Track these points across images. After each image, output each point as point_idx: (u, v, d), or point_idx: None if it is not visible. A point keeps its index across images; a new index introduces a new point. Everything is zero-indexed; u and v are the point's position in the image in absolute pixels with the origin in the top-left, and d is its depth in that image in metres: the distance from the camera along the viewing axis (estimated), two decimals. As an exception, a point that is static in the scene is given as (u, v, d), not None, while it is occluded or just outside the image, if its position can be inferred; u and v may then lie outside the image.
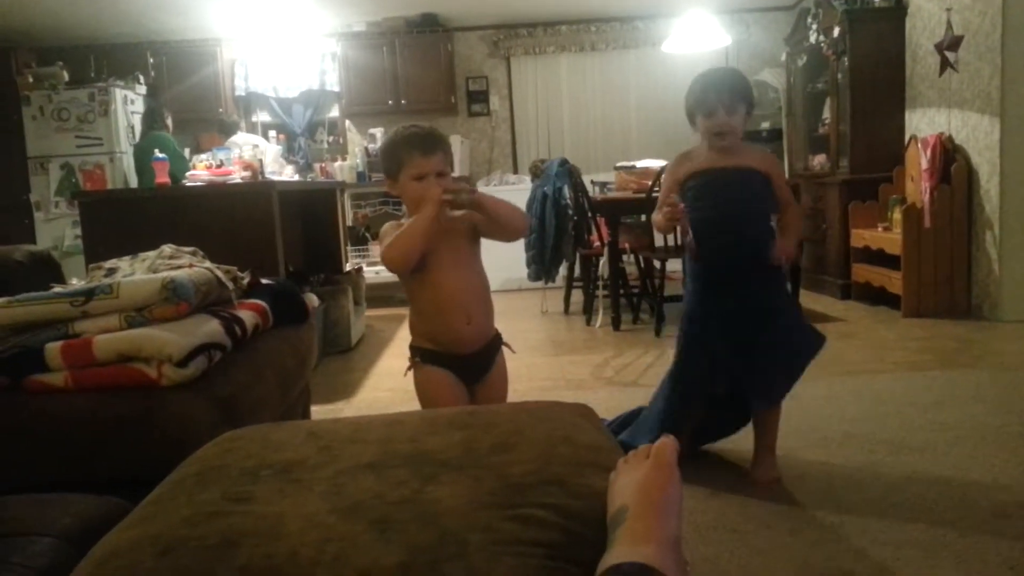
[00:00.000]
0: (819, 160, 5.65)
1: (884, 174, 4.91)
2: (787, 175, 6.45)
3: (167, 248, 2.20)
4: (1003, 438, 2.40)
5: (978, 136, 4.26)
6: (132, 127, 6.00)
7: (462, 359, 1.86)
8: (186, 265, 2.00)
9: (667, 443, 0.92)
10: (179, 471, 1.14)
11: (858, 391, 3.00)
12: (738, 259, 2.12)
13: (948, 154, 4.38)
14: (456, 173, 6.45)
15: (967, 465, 2.21)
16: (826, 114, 5.56)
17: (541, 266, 4.83)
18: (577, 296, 5.19)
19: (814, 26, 5.49)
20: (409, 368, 1.90)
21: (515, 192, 5.95)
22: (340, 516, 0.90)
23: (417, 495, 0.94)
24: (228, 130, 6.26)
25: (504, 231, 1.86)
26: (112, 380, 1.65)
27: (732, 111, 2.06)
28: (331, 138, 6.91)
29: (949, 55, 4.27)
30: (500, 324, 1.95)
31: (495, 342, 1.95)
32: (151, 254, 2.17)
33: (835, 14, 5.14)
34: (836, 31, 5.11)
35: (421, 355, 1.88)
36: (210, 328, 1.77)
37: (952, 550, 1.72)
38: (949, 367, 3.31)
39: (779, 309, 2.19)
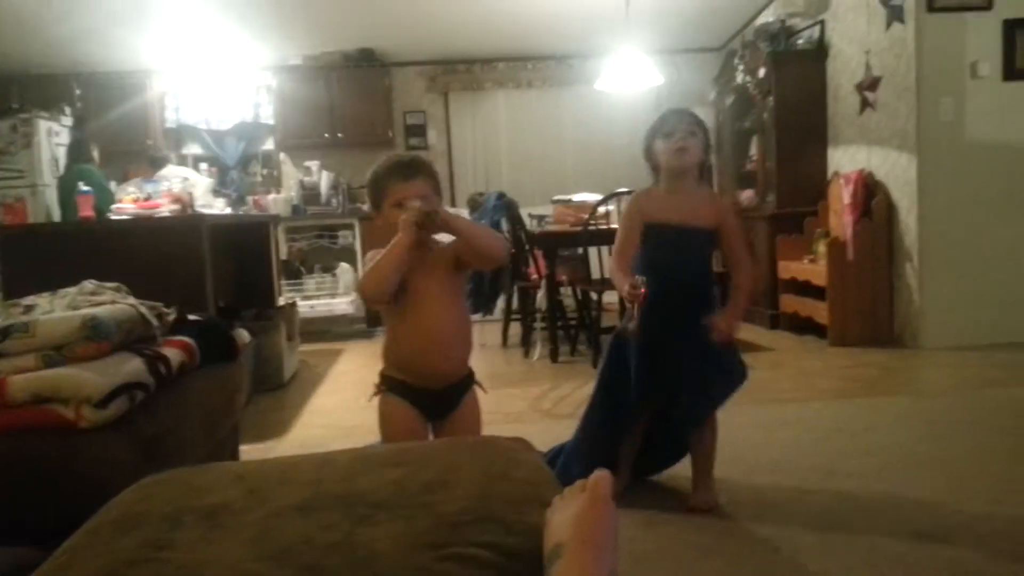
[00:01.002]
0: (747, 195, 5.82)
1: (809, 208, 5.08)
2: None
3: (89, 284, 2.12)
4: (927, 463, 2.48)
5: (897, 172, 4.45)
6: (56, 159, 5.80)
7: (429, 394, 1.81)
8: (108, 301, 1.92)
9: (601, 477, 0.92)
10: (96, 518, 1.08)
11: (788, 419, 3.06)
12: (675, 306, 2.15)
13: (869, 189, 4.57)
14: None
15: (896, 490, 2.27)
16: (753, 151, 5.74)
17: (479, 299, 4.81)
18: (515, 329, 5.19)
19: (741, 67, 5.70)
20: (374, 395, 1.86)
21: (452, 226, 5.95)
22: (266, 563, 0.87)
23: (349, 538, 0.91)
24: (158, 164, 6.12)
25: (482, 255, 1.80)
26: (27, 422, 1.56)
27: (691, 134, 2.14)
28: (265, 171, 6.81)
29: (868, 95, 4.48)
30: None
31: (467, 380, 1.88)
32: (72, 290, 2.08)
33: (760, 56, 5.34)
34: (762, 72, 5.31)
35: (388, 384, 1.84)
36: (132, 367, 1.71)
37: (884, 571, 1.75)
38: (874, 394, 3.42)
39: (707, 344, 2.18)
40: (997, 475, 2.36)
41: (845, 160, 5.02)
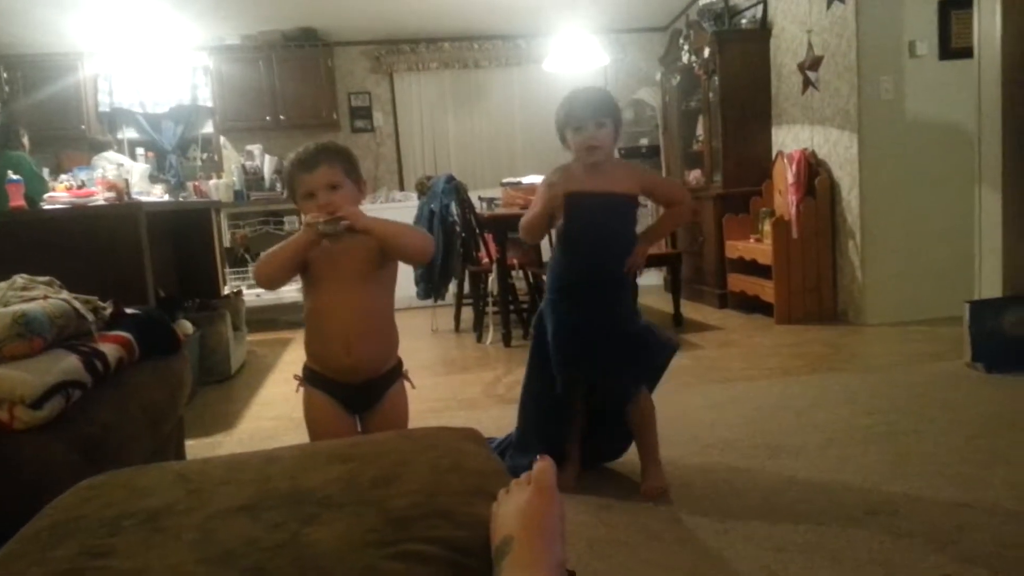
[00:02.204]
0: (695, 175, 5.88)
1: (754, 188, 5.15)
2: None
3: (19, 279, 2.03)
4: (871, 437, 2.54)
5: (839, 151, 4.54)
6: (-18, 146, 5.55)
7: (344, 387, 1.78)
8: (40, 297, 1.85)
9: (545, 467, 0.92)
10: (31, 524, 1.04)
11: (736, 397, 3.11)
12: (597, 277, 2.22)
13: (812, 168, 4.65)
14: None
15: (839, 466, 2.32)
16: (700, 131, 5.79)
17: (430, 284, 4.78)
18: (467, 313, 5.17)
19: (686, 47, 5.73)
20: (297, 387, 1.84)
21: (402, 209, 5.89)
22: (210, 566, 0.84)
23: (295, 538, 0.89)
24: (97, 148, 5.92)
25: (403, 255, 1.76)
26: (-45, 426, 1.49)
27: (600, 125, 2.12)
28: (205, 155, 6.63)
29: (810, 75, 4.54)
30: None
31: (389, 375, 1.83)
32: (2, 285, 1.99)
33: (705, 36, 5.38)
34: (707, 52, 5.35)
35: (307, 375, 1.82)
36: (67, 364, 1.64)
37: (828, 549, 1.80)
38: (820, 371, 3.49)
39: (625, 318, 2.25)
40: (938, 447, 2.43)
41: (789, 139, 5.10)
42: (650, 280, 6.66)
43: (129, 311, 2.14)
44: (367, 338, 1.75)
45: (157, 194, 4.94)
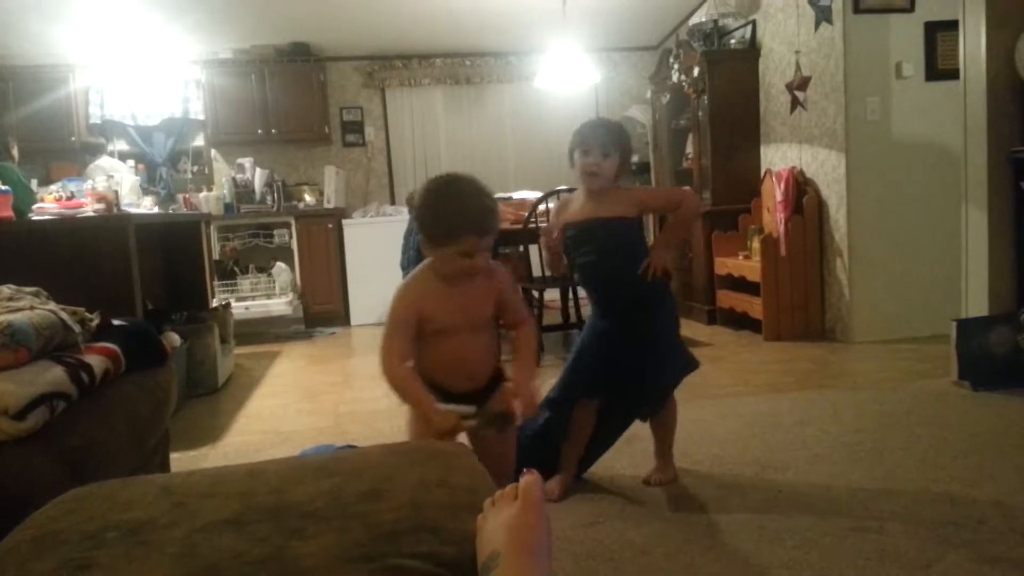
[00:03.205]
0: (685, 192, 5.90)
1: (743, 206, 5.19)
2: (656, 206, 6.70)
3: (6, 289, 2.02)
4: (858, 454, 2.55)
5: (826, 170, 4.58)
6: (-29, 156, 5.53)
7: (456, 394, 1.79)
8: (27, 307, 1.84)
9: (532, 481, 0.91)
10: (12, 537, 1.03)
11: (725, 413, 3.12)
12: (616, 295, 2.33)
13: (800, 187, 4.68)
14: (332, 204, 6.36)
15: (826, 483, 2.33)
16: (689, 149, 5.83)
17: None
18: (456, 328, 5.15)
19: (676, 66, 5.77)
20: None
21: (392, 224, 5.90)
22: (193, 581, 0.84)
23: (280, 552, 0.88)
24: (94, 151, 5.91)
25: None
26: (-63, 437, 1.48)
27: (606, 155, 2.22)
28: (196, 168, 6.62)
29: (799, 94, 4.58)
30: (377, 357, 1.87)
31: (493, 382, 1.86)
32: (-13, 295, 1.98)
33: (695, 55, 5.42)
34: (696, 71, 5.39)
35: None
36: (52, 376, 1.63)
37: (815, 567, 1.79)
38: (807, 388, 3.50)
39: (656, 334, 2.33)
40: (925, 464, 2.44)
41: (777, 158, 5.14)
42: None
43: (116, 323, 2.13)
44: (485, 363, 1.84)
45: (147, 206, 4.92)
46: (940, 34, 4.31)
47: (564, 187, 4.31)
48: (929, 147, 4.37)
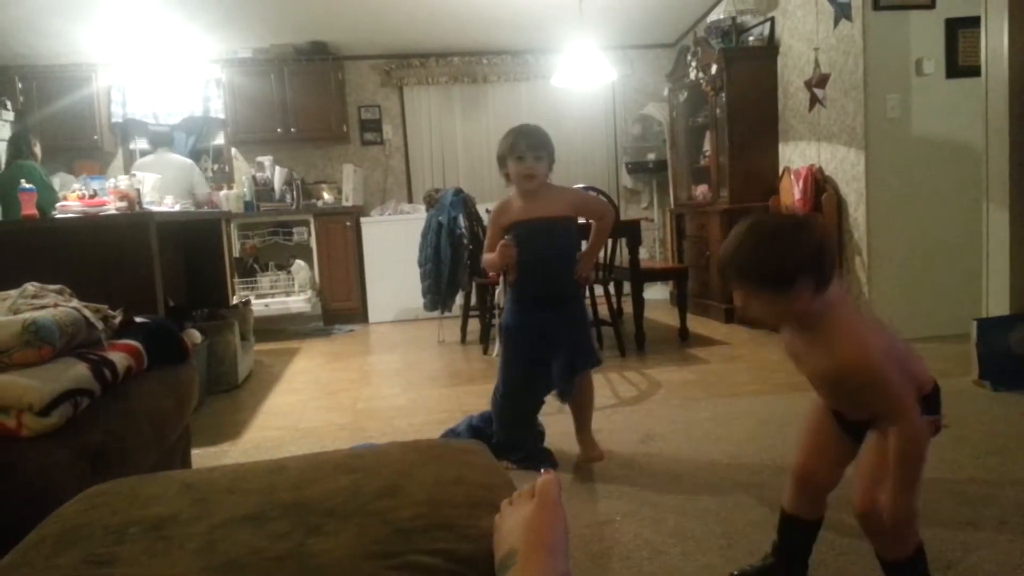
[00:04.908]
0: (701, 190, 5.89)
1: (761, 203, 5.15)
2: (672, 204, 6.71)
3: (30, 287, 2.05)
4: (875, 454, 2.53)
5: (845, 168, 4.54)
6: (-4, 155, 5.62)
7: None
8: (51, 305, 1.87)
9: (549, 481, 0.92)
10: (37, 532, 1.05)
11: (743, 412, 3.11)
12: (548, 288, 2.55)
13: (819, 184, 4.65)
14: (350, 202, 6.40)
15: (844, 482, 2.29)
16: (707, 147, 5.80)
17: (437, 296, 4.80)
18: (474, 325, 5.18)
19: (693, 63, 5.75)
20: None
21: (410, 222, 5.93)
22: (213, 575, 0.85)
23: (299, 549, 0.89)
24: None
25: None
26: (-36, 432, 1.51)
27: (538, 158, 2.44)
28: (216, 166, 6.68)
29: (817, 92, 4.55)
30: (395, 354, 1.89)
31: None
32: (12, 293, 2.01)
33: (713, 52, 5.40)
34: (714, 68, 5.37)
35: None
36: (76, 372, 1.66)
37: (831, 566, 1.79)
38: (826, 387, 3.47)
39: (581, 321, 2.65)
40: (944, 465, 2.42)
41: (796, 155, 5.10)
42: (656, 294, 6.67)
43: (138, 320, 2.16)
44: None
45: (168, 204, 4.97)
46: (961, 31, 4.26)
47: (580, 184, 4.31)
48: (949, 145, 4.32)
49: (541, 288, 2.53)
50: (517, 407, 2.63)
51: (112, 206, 3.68)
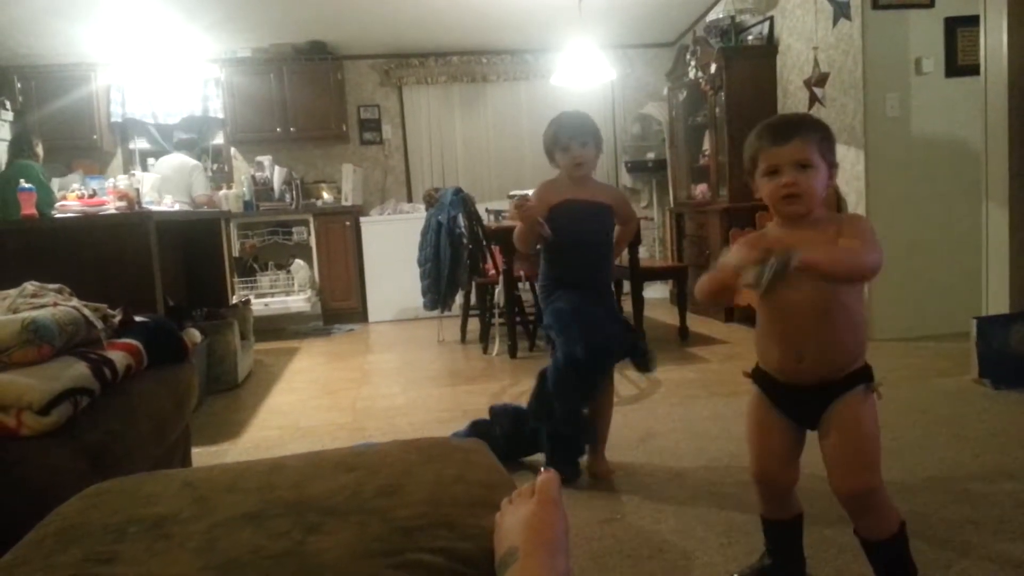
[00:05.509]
0: (701, 189, 5.88)
1: (761, 203, 5.13)
2: (671, 203, 6.71)
3: (30, 286, 2.05)
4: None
5: (845, 167, 4.54)
6: (-4, 154, 5.61)
7: (789, 390, 1.58)
8: (50, 304, 1.87)
9: (549, 479, 0.92)
10: (37, 530, 1.05)
11: (743, 411, 3.08)
12: (587, 272, 2.53)
13: (818, 183, 4.64)
14: (350, 202, 6.40)
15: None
16: (706, 146, 5.80)
17: (436, 295, 4.80)
18: (473, 324, 5.18)
19: (693, 62, 5.75)
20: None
21: (409, 221, 5.93)
22: (214, 574, 0.85)
23: (299, 547, 0.89)
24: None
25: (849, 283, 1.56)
26: (-37, 431, 1.50)
27: (584, 145, 2.44)
28: (215, 166, 6.68)
29: (817, 91, 4.55)
30: (394, 354, 1.89)
31: (847, 381, 1.56)
32: (12, 292, 2.01)
33: (712, 52, 5.40)
34: (713, 68, 5.36)
35: (753, 373, 1.65)
36: (76, 371, 1.65)
37: (832, 565, 1.79)
38: (825, 386, 3.48)
39: (619, 319, 2.61)
40: (944, 463, 2.42)
41: (795, 154, 5.09)
42: (656, 293, 6.67)
43: (138, 319, 2.16)
44: (823, 348, 1.56)
45: (167, 204, 4.97)
46: (960, 29, 4.26)
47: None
48: (949, 143, 4.32)
49: (581, 271, 2.50)
50: (584, 371, 2.38)
51: (111, 206, 3.68)
